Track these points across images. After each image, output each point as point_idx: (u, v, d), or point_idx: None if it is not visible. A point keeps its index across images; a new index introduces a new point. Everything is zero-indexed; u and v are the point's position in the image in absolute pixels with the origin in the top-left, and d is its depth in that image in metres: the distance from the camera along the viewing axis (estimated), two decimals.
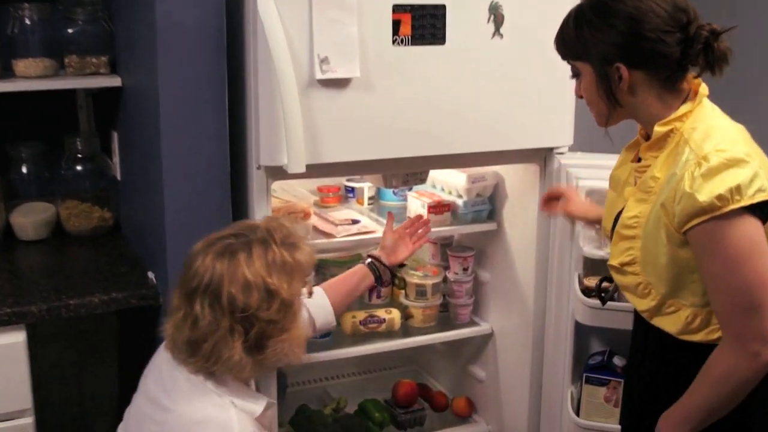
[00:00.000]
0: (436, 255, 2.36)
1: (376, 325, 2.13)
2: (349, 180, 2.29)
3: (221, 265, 1.30)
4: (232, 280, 1.30)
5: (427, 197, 2.17)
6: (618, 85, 1.31)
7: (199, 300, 1.31)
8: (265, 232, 1.35)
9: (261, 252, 1.31)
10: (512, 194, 2.15)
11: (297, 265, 1.34)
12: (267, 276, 1.29)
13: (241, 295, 1.29)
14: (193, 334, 1.31)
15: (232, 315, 1.30)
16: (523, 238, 2.09)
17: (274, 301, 1.29)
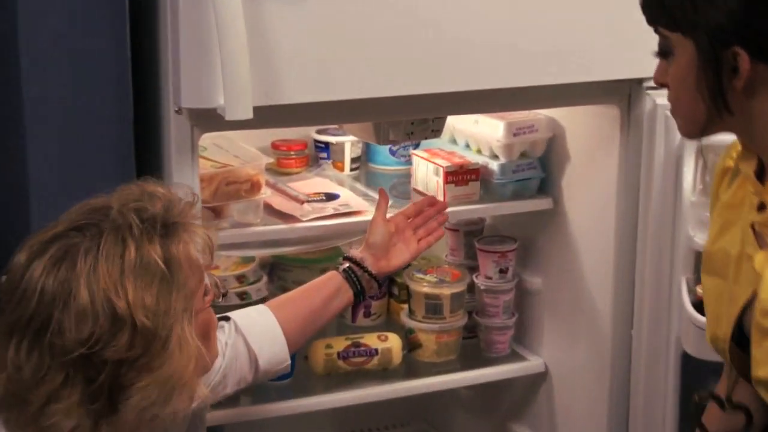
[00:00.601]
0: (456, 249, 2.37)
1: (364, 359, 2.14)
2: (321, 132, 2.33)
3: (54, 283, 1.28)
4: (65, 306, 1.27)
5: (442, 158, 2.18)
6: (731, 79, 1.32)
7: (16, 341, 1.28)
8: (119, 214, 1.32)
9: (113, 250, 1.28)
10: (577, 154, 2.16)
11: (173, 265, 1.30)
12: (115, 292, 1.26)
13: (72, 326, 1.26)
14: (8, 389, 1.29)
15: (62, 358, 1.26)
16: (593, 223, 2.11)
17: (122, 331, 1.26)
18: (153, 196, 1.35)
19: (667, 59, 1.39)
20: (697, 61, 1.34)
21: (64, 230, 1.32)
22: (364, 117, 1.95)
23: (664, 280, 1.94)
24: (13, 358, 1.28)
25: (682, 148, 1.89)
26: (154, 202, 1.34)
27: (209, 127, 1.75)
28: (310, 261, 2.20)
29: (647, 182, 1.95)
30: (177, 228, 1.33)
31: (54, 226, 1.34)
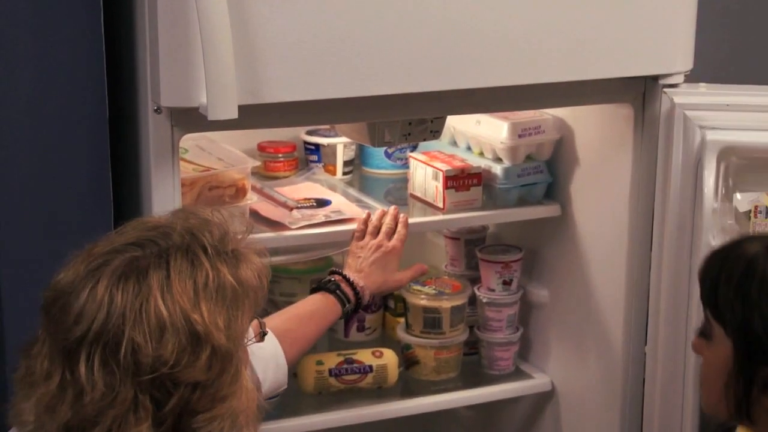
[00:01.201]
0: (457, 259, 2.37)
1: (358, 376, 2.12)
2: (311, 134, 2.32)
3: (124, 296, 1.30)
4: (137, 319, 1.29)
5: (442, 162, 2.17)
6: (761, 394, 1.44)
7: (85, 357, 1.29)
8: (186, 234, 1.36)
9: (185, 269, 1.32)
10: (587, 157, 2.15)
11: (243, 288, 1.35)
12: (192, 310, 1.30)
13: (150, 343, 1.28)
14: (76, 414, 1.29)
15: (137, 377, 1.28)
16: (604, 232, 2.11)
17: (202, 351, 1.30)
18: (210, 222, 1.39)
19: (706, 340, 1.52)
20: (732, 363, 1.46)
21: (122, 245, 1.35)
22: (357, 117, 1.94)
23: (682, 294, 1.93)
24: (87, 376, 1.28)
25: (703, 149, 1.87)
26: (212, 227, 1.39)
27: (191, 128, 1.76)
28: (300, 272, 2.20)
29: (663, 187, 1.94)
30: (238, 254, 1.37)
31: (107, 242, 1.36)
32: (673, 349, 1.95)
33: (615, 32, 1.88)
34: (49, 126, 1.74)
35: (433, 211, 2.13)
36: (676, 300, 1.94)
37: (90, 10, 1.73)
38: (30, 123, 1.73)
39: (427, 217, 2.13)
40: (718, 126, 1.87)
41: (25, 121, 1.73)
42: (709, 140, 1.86)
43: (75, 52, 1.74)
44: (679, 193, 1.90)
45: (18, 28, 1.70)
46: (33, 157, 1.74)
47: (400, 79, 1.77)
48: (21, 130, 1.73)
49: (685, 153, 1.89)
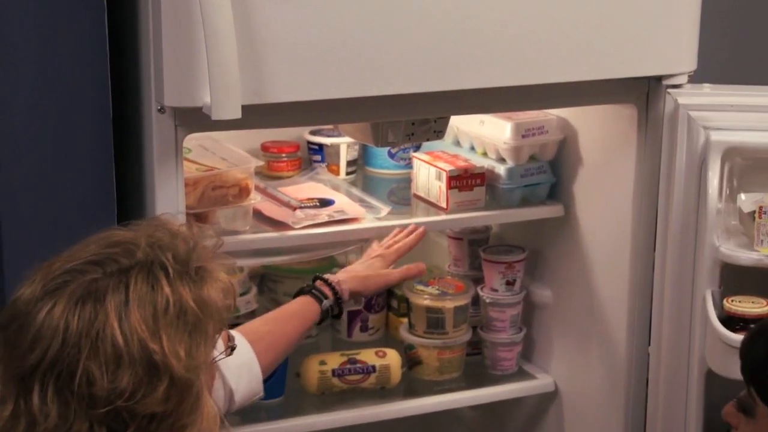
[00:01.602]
0: (460, 260, 2.36)
1: (361, 377, 2.12)
2: (314, 134, 2.31)
3: (80, 323, 1.25)
4: (93, 348, 1.23)
5: (445, 162, 2.17)
6: None
7: (39, 386, 1.24)
8: (149, 253, 1.30)
9: (145, 293, 1.27)
10: (590, 158, 2.15)
11: (206, 312, 1.29)
12: (150, 339, 1.24)
13: (105, 374, 1.23)
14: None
15: (91, 410, 1.23)
16: (608, 232, 2.11)
17: (160, 383, 1.24)
18: (177, 236, 1.33)
19: (746, 416, 1.55)
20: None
21: (82, 264, 1.29)
22: (360, 117, 1.94)
23: (686, 294, 1.93)
24: (39, 406, 1.24)
25: (707, 150, 1.87)
26: (178, 242, 1.32)
27: (194, 128, 1.75)
28: (303, 271, 2.19)
29: (667, 188, 1.94)
30: (203, 272, 1.31)
31: (68, 258, 1.30)
32: (676, 350, 1.96)
33: (618, 33, 1.87)
34: (52, 125, 1.74)
35: (437, 211, 2.13)
36: (679, 301, 1.94)
37: (94, 10, 1.73)
38: (33, 122, 1.73)
39: (430, 218, 2.13)
40: (723, 126, 1.87)
41: (28, 120, 1.73)
42: (714, 141, 1.86)
43: (79, 52, 1.74)
44: (683, 194, 1.90)
45: (22, 27, 1.70)
46: (36, 157, 1.74)
47: (403, 79, 1.77)
48: (24, 130, 1.73)
49: (689, 153, 1.89)
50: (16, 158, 1.72)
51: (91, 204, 1.76)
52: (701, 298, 1.89)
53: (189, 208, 1.84)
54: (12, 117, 1.71)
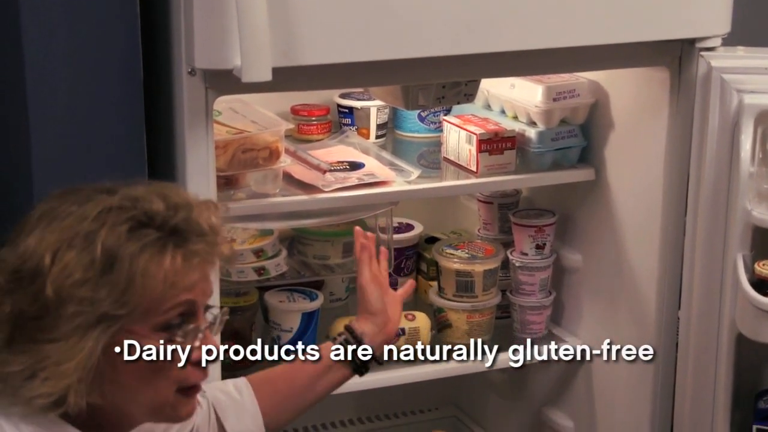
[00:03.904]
0: (490, 223, 2.37)
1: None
2: (344, 97, 2.31)
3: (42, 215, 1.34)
4: (30, 232, 1.33)
5: (476, 125, 2.17)
6: None
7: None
8: (126, 193, 1.35)
9: (86, 215, 1.32)
10: (622, 121, 2.14)
11: (116, 263, 1.30)
12: (55, 248, 1.30)
13: (18, 253, 1.32)
14: None
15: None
16: (639, 196, 2.10)
17: (32, 284, 1.30)
18: (181, 208, 1.34)
19: None
20: None
21: (95, 185, 1.37)
22: (391, 80, 1.94)
23: (717, 258, 1.92)
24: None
25: (740, 113, 1.85)
26: (174, 212, 1.34)
27: (224, 90, 1.74)
28: (333, 234, 2.19)
29: (699, 151, 1.93)
30: (164, 242, 1.31)
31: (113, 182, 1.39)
32: (706, 314, 1.95)
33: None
34: (83, 89, 1.74)
35: (467, 175, 2.12)
36: (710, 264, 1.93)
37: None
38: (64, 88, 1.73)
39: (460, 181, 2.12)
40: (756, 90, 1.85)
41: (59, 85, 1.73)
42: (747, 104, 1.84)
43: (109, 15, 1.73)
44: (715, 158, 1.89)
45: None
46: (67, 122, 1.74)
47: (434, 41, 1.76)
48: (55, 94, 1.73)
49: (721, 117, 1.87)
50: (47, 123, 1.73)
51: (122, 167, 1.76)
52: (732, 262, 1.88)
53: (219, 171, 1.84)
54: (43, 82, 1.71)
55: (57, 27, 1.71)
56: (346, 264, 2.21)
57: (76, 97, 1.74)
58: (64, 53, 1.72)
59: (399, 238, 2.30)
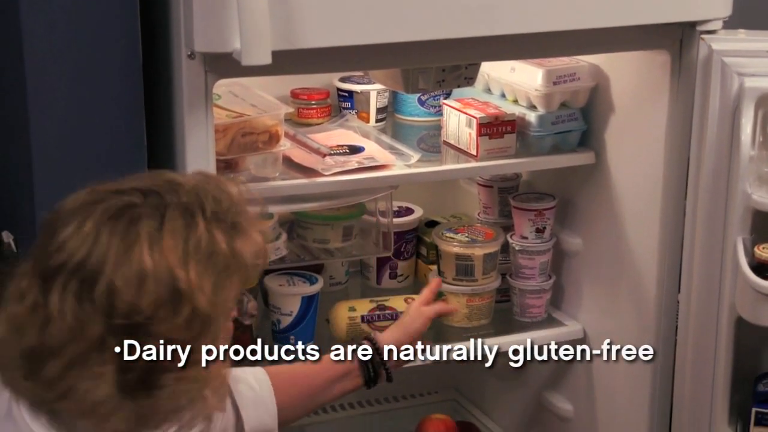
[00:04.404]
0: (490, 207, 2.37)
1: (390, 323, 2.10)
2: (344, 80, 2.31)
3: (110, 237, 1.29)
4: (119, 263, 1.28)
5: (476, 109, 2.16)
6: None
7: (60, 285, 1.28)
8: (193, 195, 1.35)
9: (179, 226, 1.31)
10: (622, 105, 2.14)
11: (236, 261, 1.34)
12: (179, 266, 1.29)
13: (128, 288, 1.27)
14: (40, 340, 1.29)
15: (109, 319, 1.27)
16: (639, 179, 2.10)
17: (181, 308, 1.28)
18: (224, 192, 1.37)
19: None
20: None
21: (128, 189, 1.34)
22: (391, 63, 1.93)
23: (716, 241, 1.91)
24: (58, 306, 1.28)
25: (741, 97, 1.85)
26: (223, 194, 1.36)
27: (224, 74, 1.74)
28: (333, 218, 2.19)
29: (700, 134, 1.92)
30: (240, 227, 1.35)
31: (117, 182, 1.36)
32: (706, 298, 1.95)
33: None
34: (82, 72, 1.74)
35: (467, 159, 2.11)
36: (710, 248, 1.93)
37: None
38: (63, 71, 1.72)
39: (460, 165, 2.12)
40: (757, 73, 1.84)
41: (58, 68, 1.72)
42: (748, 87, 1.83)
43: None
44: (716, 141, 1.88)
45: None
46: (66, 105, 1.74)
47: (434, 24, 1.76)
48: (54, 78, 1.72)
49: (722, 100, 1.86)
50: (46, 106, 1.73)
51: (122, 151, 1.76)
52: (732, 245, 1.88)
53: (219, 155, 1.84)
54: (42, 65, 1.71)
55: (56, 10, 1.70)
56: (345, 248, 2.22)
57: (75, 82, 1.74)
58: (64, 37, 1.71)
59: (399, 222, 2.30)
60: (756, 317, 1.84)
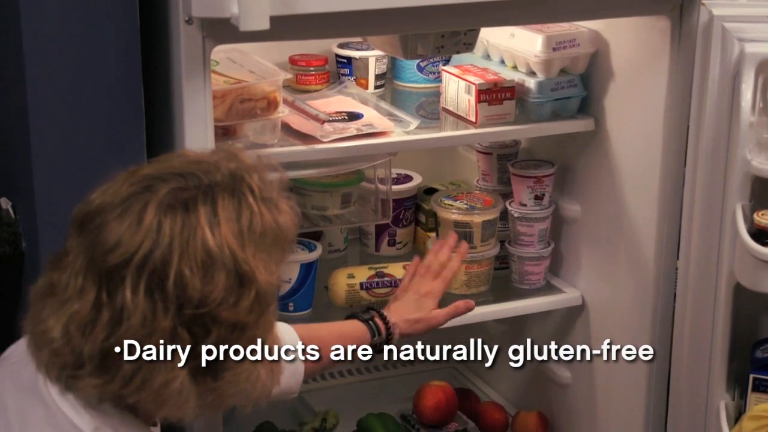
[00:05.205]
0: (489, 174, 2.37)
1: (388, 290, 2.13)
2: (343, 47, 2.30)
3: (172, 226, 1.28)
4: (185, 251, 1.28)
5: (475, 75, 2.16)
6: None
7: (131, 282, 1.27)
8: (229, 176, 1.34)
9: (231, 208, 1.31)
10: (622, 71, 2.13)
11: (283, 235, 1.35)
12: (239, 249, 1.29)
13: (197, 277, 1.27)
14: (110, 337, 1.29)
15: (181, 310, 1.28)
16: (639, 146, 2.10)
17: (246, 292, 1.30)
18: (255, 168, 1.38)
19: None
20: None
21: (167, 173, 1.33)
22: (389, 28, 1.92)
23: (716, 208, 1.92)
24: (130, 302, 1.28)
25: (741, 62, 1.84)
26: (255, 173, 1.37)
27: (222, 39, 1.74)
28: (331, 185, 2.19)
29: (700, 100, 1.91)
30: (276, 202, 1.36)
31: (152, 167, 1.35)
32: (705, 264, 1.96)
33: None
34: (79, 39, 1.73)
35: (466, 125, 2.11)
36: (709, 214, 1.93)
37: None
38: (59, 37, 1.71)
39: (459, 131, 2.11)
40: (758, 38, 1.84)
41: (54, 34, 1.71)
42: (748, 53, 1.82)
43: None
44: (715, 107, 1.88)
45: None
46: (63, 71, 1.73)
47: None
48: (50, 45, 1.71)
49: (722, 66, 1.86)
50: (43, 72, 1.72)
51: (119, 117, 1.76)
52: (731, 211, 1.88)
53: (217, 121, 1.83)
54: (38, 31, 1.70)
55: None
56: (344, 215, 2.21)
57: (72, 48, 1.73)
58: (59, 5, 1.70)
59: (397, 189, 2.30)
60: (755, 284, 1.84)
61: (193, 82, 1.72)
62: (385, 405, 2.39)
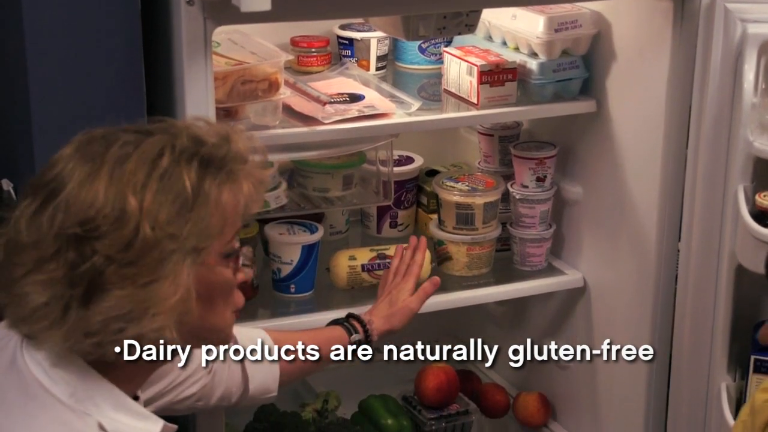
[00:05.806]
0: (490, 156, 2.37)
1: None
2: (344, 28, 2.30)
3: (77, 153, 1.36)
4: (82, 179, 1.34)
5: (477, 57, 2.16)
6: None
7: (30, 198, 1.36)
8: (176, 128, 1.39)
9: (149, 156, 1.35)
10: (624, 52, 2.14)
11: (199, 198, 1.35)
12: (133, 189, 1.32)
13: (79, 203, 1.32)
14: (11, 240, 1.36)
15: (61, 229, 1.32)
16: (640, 128, 2.10)
17: (123, 229, 1.32)
18: (225, 139, 1.39)
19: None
20: None
21: (131, 127, 1.39)
22: (391, 9, 1.93)
23: (718, 189, 1.93)
24: (18, 216, 1.35)
25: (744, 43, 1.84)
26: (221, 143, 1.38)
27: (224, 20, 1.74)
28: (333, 167, 2.19)
29: (702, 82, 1.92)
30: (225, 173, 1.36)
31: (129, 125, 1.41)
32: (706, 246, 1.96)
33: None
34: (81, 19, 1.72)
35: (467, 107, 2.11)
36: (711, 196, 1.94)
37: None
38: (61, 17, 1.71)
39: (461, 113, 2.11)
40: (760, 19, 1.84)
41: (56, 14, 1.71)
42: (751, 33, 1.83)
43: None
44: (718, 88, 1.88)
45: None
46: (65, 53, 1.72)
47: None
48: (52, 25, 1.71)
49: (725, 47, 1.86)
50: (44, 53, 1.71)
51: (120, 98, 1.75)
52: (733, 193, 1.88)
53: (218, 103, 1.83)
54: (40, 13, 1.69)
55: None
56: (346, 197, 2.21)
57: (74, 29, 1.72)
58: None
59: (399, 171, 2.30)
60: (756, 265, 1.83)
61: (195, 63, 1.72)
62: (387, 386, 2.39)
